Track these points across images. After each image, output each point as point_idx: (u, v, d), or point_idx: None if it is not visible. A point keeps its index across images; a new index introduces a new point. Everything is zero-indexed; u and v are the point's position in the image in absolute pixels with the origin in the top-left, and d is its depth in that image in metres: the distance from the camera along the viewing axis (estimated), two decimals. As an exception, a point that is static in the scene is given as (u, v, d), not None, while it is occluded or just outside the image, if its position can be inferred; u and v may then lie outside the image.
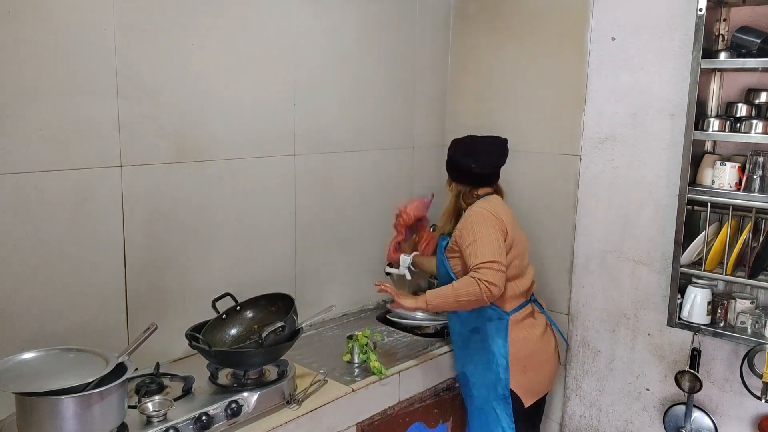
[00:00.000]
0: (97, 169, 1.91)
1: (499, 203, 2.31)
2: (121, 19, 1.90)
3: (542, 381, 2.39)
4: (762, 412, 2.34)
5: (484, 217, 2.19)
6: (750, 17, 2.25)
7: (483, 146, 2.33)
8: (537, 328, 2.34)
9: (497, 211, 2.23)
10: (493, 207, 2.24)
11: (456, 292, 2.11)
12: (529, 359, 2.30)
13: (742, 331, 2.27)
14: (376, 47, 2.70)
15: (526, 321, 2.32)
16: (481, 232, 2.14)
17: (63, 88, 1.80)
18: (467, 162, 2.27)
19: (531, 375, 2.31)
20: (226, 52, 2.17)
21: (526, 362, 2.28)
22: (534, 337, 2.31)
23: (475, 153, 2.29)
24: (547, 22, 2.70)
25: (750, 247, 2.22)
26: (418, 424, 2.32)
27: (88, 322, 1.93)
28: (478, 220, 2.18)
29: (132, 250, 2.02)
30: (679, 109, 2.37)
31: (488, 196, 2.32)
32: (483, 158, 2.28)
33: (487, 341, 2.27)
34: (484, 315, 2.27)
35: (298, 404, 1.94)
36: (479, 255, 2.10)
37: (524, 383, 2.29)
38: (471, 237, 2.15)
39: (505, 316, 2.27)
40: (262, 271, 2.40)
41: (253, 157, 2.31)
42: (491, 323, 2.26)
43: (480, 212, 2.21)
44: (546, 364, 2.38)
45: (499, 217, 2.21)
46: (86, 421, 1.53)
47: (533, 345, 2.31)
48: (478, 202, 2.28)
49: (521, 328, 2.29)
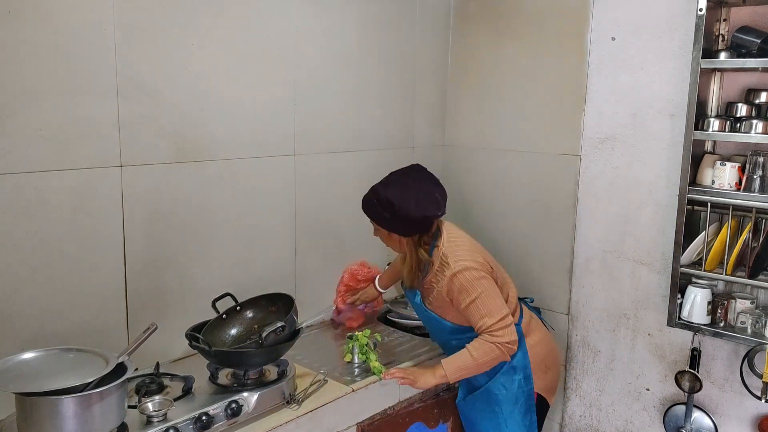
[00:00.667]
0: (97, 169, 1.91)
1: (462, 236, 2.15)
2: (121, 19, 1.90)
3: (558, 377, 2.42)
4: (762, 412, 2.34)
5: (471, 270, 2.04)
6: (750, 17, 2.25)
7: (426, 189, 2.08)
8: (541, 326, 2.35)
9: (473, 253, 2.09)
10: (467, 250, 2.09)
11: (479, 362, 2.06)
12: (548, 358, 2.31)
13: (742, 331, 2.27)
14: (376, 47, 2.70)
15: (532, 323, 2.30)
16: (477, 289, 2.03)
17: (63, 88, 1.80)
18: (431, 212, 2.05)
19: (552, 373, 2.32)
20: (226, 52, 2.17)
21: (546, 362, 2.29)
22: (544, 336, 2.32)
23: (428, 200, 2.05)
24: (547, 22, 2.69)
25: (750, 247, 2.22)
26: (418, 424, 2.32)
27: (88, 322, 1.93)
28: (468, 277, 2.03)
29: (132, 250, 2.02)
30: (679, 109, 2.37)
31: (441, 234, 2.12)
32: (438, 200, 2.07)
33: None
34: None
35: (298, 404, 1.94)
36: (487, 315, 2.03)
37: (547, 383, 2.29)
38: (468, 297, 2.04)
39: (517, 328, 2.18)
40: (262, 271, 2.40)
41: (253, 157, 2.31)
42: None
43: (464, 267, 2.04)
44: (558, 360, 2.42)
45: (479, 260, 2.08)
46: (86, 421, 1.53)
47: (548, 344, 2.33)
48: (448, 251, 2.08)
49: (532, 331, 2.27)
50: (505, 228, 2.86)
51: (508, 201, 2.88)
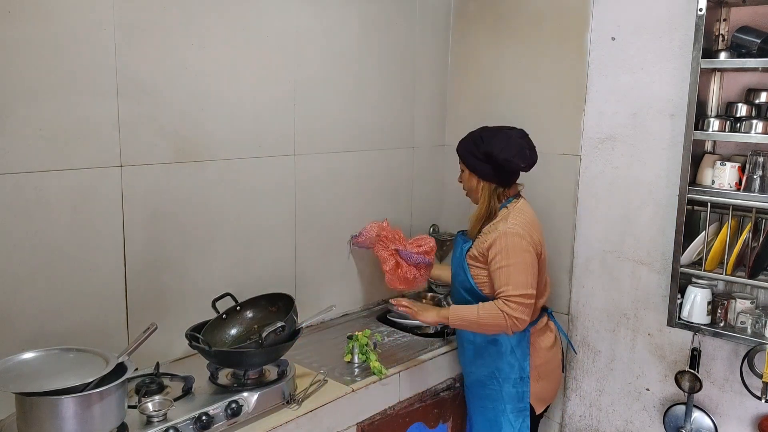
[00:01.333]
0: (97, 169, 1.91)
1: (531, 214, 2.18)
2: (121, 19, 1.90)
3: (552, 390, 2.38)
4: (762, 412, 2.34)
5: (520, 238, 2.05)
6: (750, 17, 2.25)
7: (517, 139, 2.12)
8: (549, 338, 2.32)
9: (532, 229, 2.10)
10: (528, 224, 2.10)
11: (481, 321, 2.07)
12: (542, 368, 2.28)
13: (742, 331, 2.27)
14: (376, 47, 2.70)
15: (542, 331, 2.30)
16: (516, 257, 2.03)
17: (63, 88, 1.80)
18: (510, 158, 2.07)
19: (543, 384, 2.30)
20: (226, 52, 2.17)
21: (540, 371, 2.27)
22: (546, 347, 2.30)
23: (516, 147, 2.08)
24: (547, 22, 2.69)
25: (750, 247, 2.22)
26: (418, 424, 2.32)
27: (88, 322, 1.93)
28: (515, 243, 2.04)
29: (132, 250, 2.02)
30: (679, 109, 2.37)
31: (517, 200, 2.19)
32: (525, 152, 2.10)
33: (506, 354, 2.20)
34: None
35: (298, 404, 1.94)
36: (511, 284, 2.03)
37: (537, 391, 2.28)
38: (504, 261, 2.04)
39: (527, 329, 2.20)
40: (262, 271, 2.40)
41: (253, 157, 2.31)
42: (515, 337, 2.18)
43: (517, 233, 2.05)
44: (554, 372, 2.38)
45: (533, 238, 2.09)
46: (86, 421, 1.53)
47: (546, 354, 2.29)
48: (513, 214, 2.12)
49: (537, 339, 2.27)
50: (505, 228, 2.85)
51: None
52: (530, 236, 2.09)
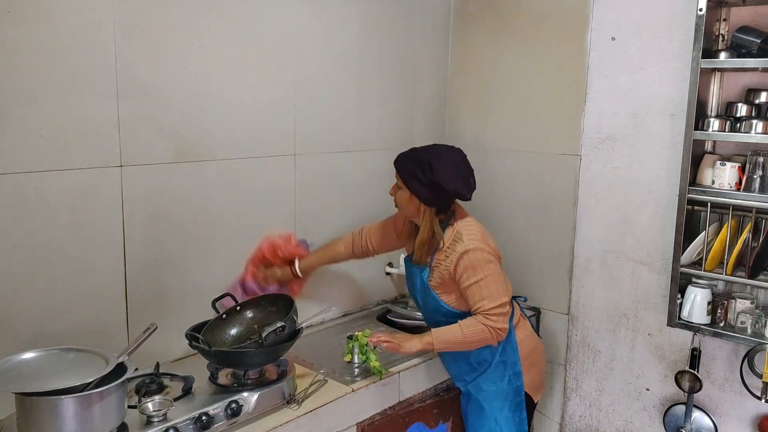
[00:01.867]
0: (97, 169, 1.91)
1: (475, 223, 2.15)
2: (121, 19, 1.90)
3: (542, 373, 2.40)
4: (762, 412, 2.35)
5: (481, 252, 2.05)
6: (750, 17, 2.25)
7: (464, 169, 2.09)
8: (527, 326, 2.34)
9: (486, 239, 2.11)
10: (481, 234, 2.11)
11: (467, 339, 2.07)
12: (533, 355, 2.30)
13: (742, 331, 2.27)
14: (376, 47, 2.70)
15: (520, 321, 2.30)
16: (484, 271, 2.05)
17: (63, 88, 1.80)
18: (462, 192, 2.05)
19: (536, 370, 2.32)
20: (226, 52, 2.17)
21: (531, 359, 2.28)
22: (528, 335, 2.31)
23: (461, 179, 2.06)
24: (547, 22, 2.69)
25: (750, 247, 2.22)
26: (418, 424, 2.32)
27: (88, 322, 1.93)
28: (477, 257, 2.05)
29: (132, 250, 2.02)
30: (679, 109, 2.37)
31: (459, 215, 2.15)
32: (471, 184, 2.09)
33: (497, 354, 2.20)
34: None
35: (298, 404, 1.94)
36: (486, 298, 2.05)
37: (532, 380, 2.29)
38: (474, 277, 2.05)
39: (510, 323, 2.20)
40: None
41: (253, 157, 2.31)
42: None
43: (477, 247, 2.05)
44: (541, 356, 2.40)
45: (491, 246, 2.11)
46: (86, 421, 1.53)
47: (530, 342, 2.31)
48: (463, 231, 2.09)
49: (519, 328, 2.27)
50: (505, 228, 2.85)
51: (509, 201, 2.87)
52: (488, 245, 2.10)
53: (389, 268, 2.91)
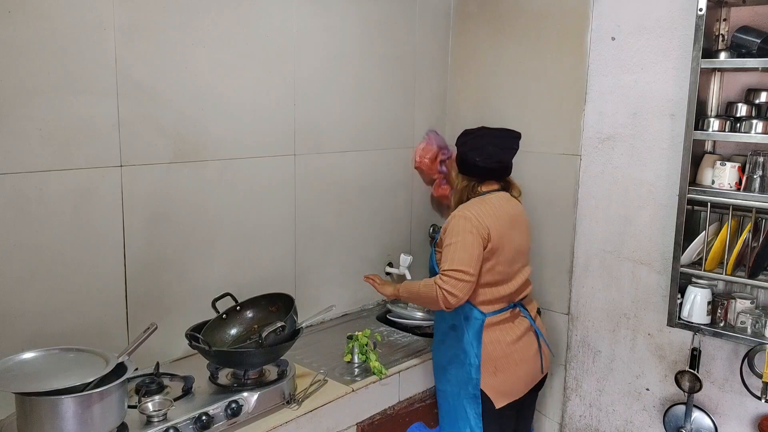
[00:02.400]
0: (97, 169, 1.91)
1: (494, 205, 2.22)
2: (121, 19, 1.90)
3: (515, 384, 2.30)
4: (762, 412, 2.35)
5: (466, 220, 2.13)
6: (750, 17, 2.25)
7: (490, 139, 2.27)
8: (513, 332, 2.27)
9: (482, 216, 2.15)
10: (481, 210, 2.17)
11: (420, 292, 2.17)
12: (501, 361, 2.24)
13: (742, 331, 2.27)
14: (376, 47, 2.70)
15: (503, 324, 2.26)
16: (458, 236, 2.11)
17: (63, 87, 1.80)
18: (472, 156, 2.24)
19: (502, 377, 2.25)
20: (226, 52, 2.17)
21: (497, 364, 2.23)
22: (507, 340, 2.25)
23: (481, 147, 2.24)
24: (547, 22, 2.70)
25: (750, 247, 2.22)
26: (418, 424, 2.32)
27: (88, 322, 1.93)
28: (459, 224, 2.13)
29: (132, 249, 2.02)
30: (679, 109, 2.37)
31: (490, 194, 2.26)
32: (488, 152, 2.23)
33: (462, 340, 2.23)
34: (461, 313, 2.22)
35: (298, 404, 1.94)
36: (449, 260, 2.09)
37: (495, 384, 2.24)
38: (448, 240, 2.13)
39: (481, 316, 2.21)
40: (262, 271, 2.40)
41: (253, 156, 2.31)
42: (467, 322, 2.22)
43: (463, 215, 2.15)
44: (518, 366, 2.29)
45: (482, 223, 2.13)
46: (86, 421, 1.53)
47: (506, 347, 2.25)
48: (474, 202, 2.22)
49: (495, 330, 2.24)
50: (505, 228, 2.85)
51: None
52: (478, 220, 2.13)
53: (389, 268, 2.92)
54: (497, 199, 2.26)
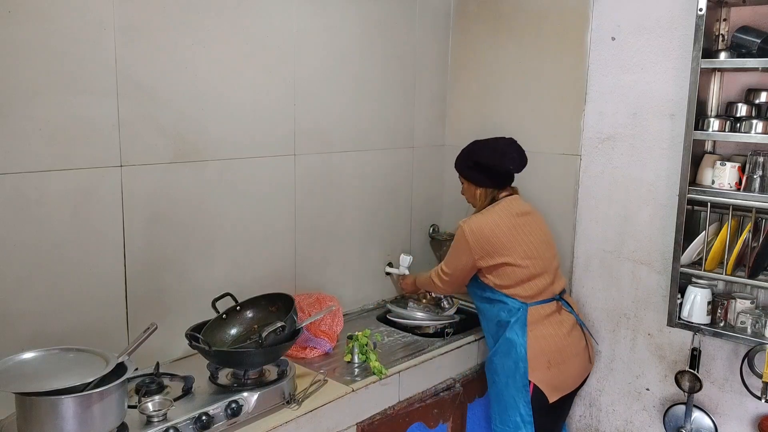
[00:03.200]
0: (97, 169, 1.91)
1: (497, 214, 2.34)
2: (120, 19, 1.90)
3: (567, 378, 2.38)
4: (762, 412, 2.35)
5: (465, 233, 2.32)
6: (750, 17, 2.25)
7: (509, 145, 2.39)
8: (563, 326, 2.35)
9: (484, 228, 2.30)
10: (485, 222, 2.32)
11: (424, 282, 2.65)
12: (554, 355, 2.31)
13: (742, 331, 2.27)
14: (376, 47, 2.70)
15: (552, 318, 2.33)
16: (455, 247, 2.39)
17: (63, 87, 1.80)
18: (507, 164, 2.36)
19: (555, 371, 2.31)
20: (226, 52, 2.17)
21: (550, 358, 2.30)
22: (560, 334, 2.33)
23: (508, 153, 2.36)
24: (547, 22, 2.70)
25: (750, 247, 2.22)
26: (418, 424, 2.32)
27: (88, 322, 1.93)
28: (459, 235, 2.36)
29: (132, 249, 2.02)
30: (679, 109, 2.37)
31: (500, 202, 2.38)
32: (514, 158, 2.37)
33: (507, 331, 2.31)
34: (504, 307, 2.33)
35: (298, 404, 1.94)
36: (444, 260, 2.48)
37: (549, 379, 2.30)
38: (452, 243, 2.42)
39: (524, 306, 2.30)
40: (262, 271, 2.40)
41: (253, 157, 2.31)
42: (512, 314, 2.32)
43: (467, 228, 2.32)
44: (571, 361, 2.37)
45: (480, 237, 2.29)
46: (86, 421, 1.53)
47: (559, 341, 2.32)
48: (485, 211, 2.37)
49: (547, 324, 2.31)
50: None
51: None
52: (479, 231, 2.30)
53: (389, 268, 2.92)
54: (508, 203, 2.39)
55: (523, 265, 2.29)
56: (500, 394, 2.35)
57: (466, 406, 2.52)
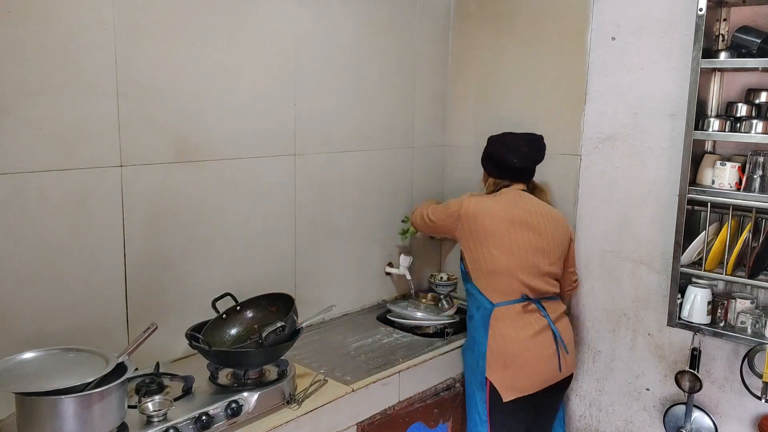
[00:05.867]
0: (97, 169, 1.91)
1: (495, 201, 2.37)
2: (121, 19, 1.90)
3: (525, 380, 2.32)
4: (762, 412, 2.35)
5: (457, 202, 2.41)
6: (750, 17, 2.25)
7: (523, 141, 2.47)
8: (527, 329, 2.30)
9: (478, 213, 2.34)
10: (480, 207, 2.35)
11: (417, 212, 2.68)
12: (511, 357, 2.28)
13: (742, 331, 2.27)
14: (376, 47, 2.70)
15: (516, 319, 2.29)
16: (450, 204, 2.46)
17: (63, 87, 1.80)
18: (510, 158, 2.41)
19: (512, 372, 2.28)
20: (226, 52, 2.17)
21: (506, 359, 2.28)
22: (520, 336, 2.28)
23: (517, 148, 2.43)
24: (547, 22, 2.69)
25: (750, 247, 2.22)
26: (418, 424, 2.32)
27: (88, 322, 1.93)
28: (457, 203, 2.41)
29: (132, 249, 2.02)
30: (679, 109, 2.37)
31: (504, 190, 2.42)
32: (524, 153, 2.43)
33: (472, 328, 2.40)
34: (475, 304, 2.39)
35: (298, 404, 1.94)
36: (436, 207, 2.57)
37: (504, 378, 2.28)
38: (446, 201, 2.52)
39: (490, 306, 2.32)
40: (262, 271, 2.40)
41: (253, 156, 2.31)
42: (478, 312, 2.37)
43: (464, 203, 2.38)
44: (530, 364, 2.31)
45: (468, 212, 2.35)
46: (86, 421, 1.53)
47: (518, 344, 2.28)
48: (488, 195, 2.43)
49: (507, 324, 2.29)
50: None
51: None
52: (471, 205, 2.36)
53: (389, 268, 2.92)
54: (506, 194, 2.41)
55: (496, 256, 2.30)
56: (467, 390, 2.43)
57: (466, 406, 2.52)
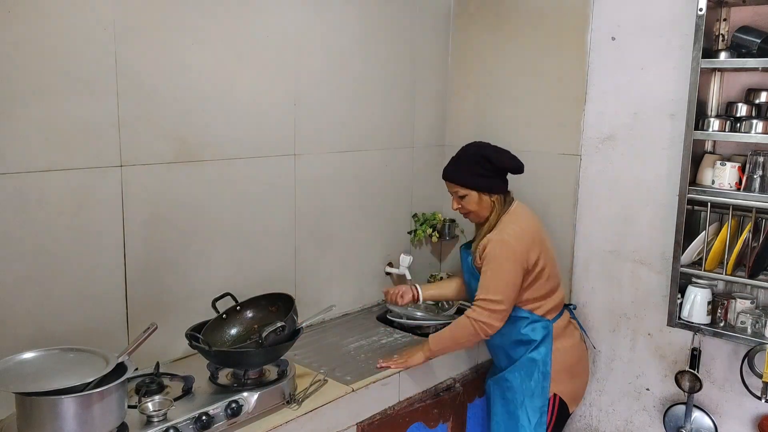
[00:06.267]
0: (97, 169, 1.91)
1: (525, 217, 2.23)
2: (120, 19, 1.90)
3: (584, 387, 2.40)
4: (762, 412, 2.35)
5: (506, 247, 2.09)
6: (750, 17, 2.26)
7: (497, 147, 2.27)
8: (576, 335, 2.36)
9: (521, 238, 2.12)
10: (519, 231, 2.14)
11: (455, 336, 2.17)
12: (576, 366, 2.32)
13: (742, 331, 2.27)
14: (376, 47, 2.70)
15: (568, 329, 2.32)
16: (497, 263, 2.09)
17: (63, 87, 1.80)
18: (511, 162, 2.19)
19: (578, 382, 2.33)
20: (226, 52, 2.17)
21: (573, 369, 2.30)
22: (575, 344, 2.33)
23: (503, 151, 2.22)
24: (547, 22, 2.70)
25: (750, 247, 2.22)
26: (418, 424, 2.32)
27: (88, 322, 1.93)
28: (499, 251, 2.09)
29: (132, 249, 2.02)
30: (679, 109, 2.37)
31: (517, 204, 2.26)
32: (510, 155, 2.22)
33: (533, 351, 2.23)
34: (530, 326, 2.23)
35: (298, 404, 1.94)
36: (485, 289, 2.11)
37: (572, 390, 2.31)
38: (487, 266, 2.10)
39: (549, 324, 2.24)
40: (262, 271, 2.40)
41: (254, 156, 2.31)
42: (536, 333, 2.23)
43: (502, 240, 2.11)
44: (586, 370, 2.41)
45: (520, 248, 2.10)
46: (86, 421, 1.53)
47: (576, 352, 2.32)
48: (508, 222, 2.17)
49: (566, 336, 2.30)
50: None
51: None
52: (517, 243, 2.12)
53: (389, 268, 2.92)
54: (520, 209, 2.26)
55: (553, 271, 2.25)
56: (513, 412, 2.26)
57: (466, 406, 2.52)
